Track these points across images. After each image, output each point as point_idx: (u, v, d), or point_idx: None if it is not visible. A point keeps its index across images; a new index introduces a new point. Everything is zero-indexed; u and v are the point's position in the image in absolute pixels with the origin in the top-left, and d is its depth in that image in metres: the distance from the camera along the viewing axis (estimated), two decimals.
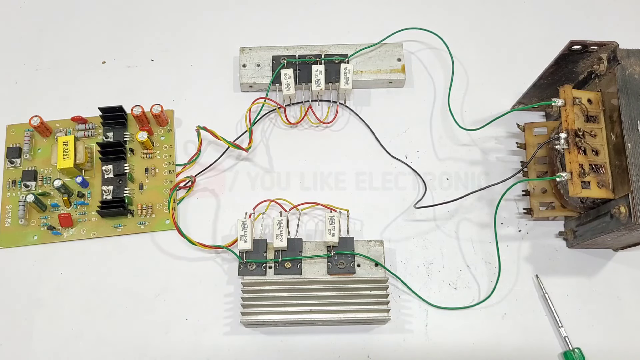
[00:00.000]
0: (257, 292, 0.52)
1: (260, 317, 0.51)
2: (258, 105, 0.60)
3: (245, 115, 0.60)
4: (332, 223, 0.54)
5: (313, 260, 0.54)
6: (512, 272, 0.56)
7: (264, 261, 0.54)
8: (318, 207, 0.57)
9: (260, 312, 0.51)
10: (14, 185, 0.57)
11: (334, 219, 0.54)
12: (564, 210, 0.55)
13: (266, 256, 0.54)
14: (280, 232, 0.54)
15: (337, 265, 0.54)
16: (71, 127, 0.59)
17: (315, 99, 0.61)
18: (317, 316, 0.51)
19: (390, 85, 0.63)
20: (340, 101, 0.61)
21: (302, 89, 0.61)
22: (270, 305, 0.51)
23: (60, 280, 0.54)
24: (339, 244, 0.54)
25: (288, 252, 0.54)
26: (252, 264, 0.54)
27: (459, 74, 0.64)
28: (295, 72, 0.60)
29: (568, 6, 0.68)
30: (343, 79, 0.59)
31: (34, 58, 0.64)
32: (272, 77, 0.60)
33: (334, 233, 0.54)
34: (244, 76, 0.61)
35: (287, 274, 0.54)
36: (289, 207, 0.57)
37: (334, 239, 0.54)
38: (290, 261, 0.54)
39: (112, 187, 0.57)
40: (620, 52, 0.49)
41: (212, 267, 0.55)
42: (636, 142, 0.47)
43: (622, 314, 0.55)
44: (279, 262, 0.54)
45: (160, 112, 0.58)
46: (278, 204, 0.57)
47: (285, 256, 0.54)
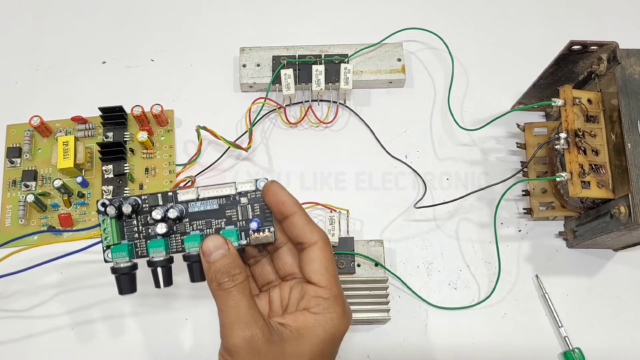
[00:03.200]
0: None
1: None
2: (258, 105, 0.60)
3: (245, 115, 0.60)
4: (332, 223, 0.54)
5: None
6: (512, 272, 0.56)
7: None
8: (318, 207, 0.57)
9: None
10: (14, 185, 0.57)
11: (334, 219, 0.54)
12: (564, 210, 0.55)
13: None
14: None
15: (337, 265, 0.54)
16: (71, 127, 0.59)
17: (315, 99, 0.61)
18: None
19: (390, 85, 0.63)
20: (340, 101, 0.61)
21: (302, 89, 0.61)
22: None
23: (60, 280, 0.54)
24: (339, 244, 0.54)
25: None
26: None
27: (459, 74, 0.64)
28: (295, 72, 0.60)
29: (568, 6, 0.68)
30: (343, 79, 0.59)
31: (34, 58, 0.63)
32: (272, 77, 0.60)
33: (334, 233, 0.54)
34: (244, 76, 0.61)
35: None
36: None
37: (334, 239, 0.54)
38: None
39: (112, 187, 0.57)
40: (620, 52, 0.49)
41: None
42: (636, 142, 0.47)
43: (622, 314, 0.55)
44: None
45: (160, 112, 0.58)
46: None
47: None
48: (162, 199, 0.39)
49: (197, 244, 0.38)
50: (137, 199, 0.39)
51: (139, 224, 0.39)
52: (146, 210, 0.39)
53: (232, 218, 0.39)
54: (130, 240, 0.39)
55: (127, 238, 0.39)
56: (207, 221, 0.39)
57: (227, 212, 0.39)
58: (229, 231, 0.39)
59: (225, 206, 0.39)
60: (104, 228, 0.39)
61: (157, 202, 0.39)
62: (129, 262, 0.39)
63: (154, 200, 0.39)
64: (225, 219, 0.39)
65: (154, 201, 0.39)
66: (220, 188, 0.39)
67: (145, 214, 0.39)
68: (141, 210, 0.39)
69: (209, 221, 0.39)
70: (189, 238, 0.39)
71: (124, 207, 0.38)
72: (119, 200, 0.39)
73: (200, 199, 0.39)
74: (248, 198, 0.39)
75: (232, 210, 0.39)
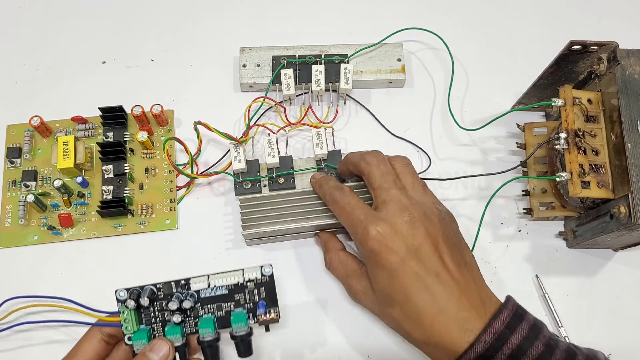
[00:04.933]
0: (255, 207, 0.54)
1: (260, 229, 0.52)
2: (258, 105, 0.60)
3: (244, 113, 0.60)
4: (319, 137, 0.57)
5: (304, 175, 0.56)
6: (512, 272, 0.56)
7: (259, 178, 0.55)
8: (304, 127, 0.59)
9: (259, 224, 0.53)
10: (14, 185, 0.57)
11: (321, 134, 0.57)
12: (564, 210, 0.55)
13: (259, 174, 0.56)
14: (272, 150, 0.56)
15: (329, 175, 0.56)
16: (71, 127, 0.59)
17: (315, 99, 0.61)
18: (314, 223, 0.53)
19: (391, 85, 0.63)
20: (340, 101, 0.61)
21: (303, 90, 0.61)
22: (268, 218, 0.53)
23: (60, 280, 0.54)
24: (328, 157, 0.57)
25: (280, 168, 0.56)
26: (248, 182, 0.55)
27: (459, 74, 0.64)
28: (295, 72, 0.60)
29: (568, 6, 0.68)
30: (343, 79, 0.59)
31: (34, 58, 0.63)
32: (272, 77, 0.60)
33: (322, 146, 0.56)
34: (244, 76, 0.61)
35: (281, 189, 0.55)
36: (276, 130, 0.59)
37: (323, 151, 0.56)
38: (284, 176, 0.56)
39: (112, 187, 0.57)
40: (620, 52, 0.49)
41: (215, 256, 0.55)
42: (636, 142, 0.47)
43: (622, 314, 0.55)
44: (273, 178, 0.56)
45: (160, 112, 0.58)
46: (266, 128, 0.59)
47: (277, 173, 0.56)
48: (175, 287, 0.43)
49: (210, 330, 0.42)
50: (153, 288, 0.43)
51: (155, 310, 0.43)
52: (161, 297, 0.43)
53: (241, 302, 0.43)
54: (147, 324, 0.43)
55: (144, 323, 0.43)
56: (218, 305, 0.43)
57: (235, 296, 0.43)
58: (238, 314, 0.42)
59: (234, 291, 0.43)
60: (124, 318, 0.42)
61: (172, 291, 0.43)
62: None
63: (169, 289, 0.43)
64: (234, 302, 0.43)
65: (169, 289, 0.43)
66: (229, 275, 0.43)
67: (161, 301, 0.43)
68: (156, 297, 0.43)
69: (220, 305, 0.43)
70: (203, 324, 0.42)
71: (142, 300, 0.42)
72: (137, 291, 0.42)
73: (211, 287, 0.43)
74: (255, 283, 0.43)
75: (240, 294, 0.43)
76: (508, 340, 0.40)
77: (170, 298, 0.42)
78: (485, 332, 0.40)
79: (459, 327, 0.41)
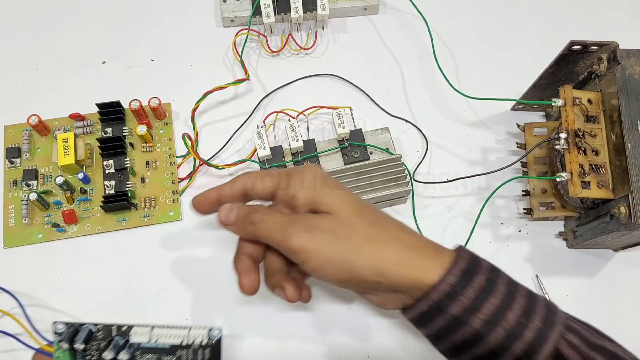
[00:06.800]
0: None
1: None
2: (242, 38, 0.62)
3: (231, 49, 0.62)
4: (340, 118, 0.58)
5: (328, 156, 0.58)
6: (512, 272, 0.56)
7: (284, 163, 0.56)
8: (322, 109, 0.60)
9: None
10: (15, 185, 0.57)
11: (341, 114, 0.58)
12: (564, 211, 0.55)
13: (285, 160, 0.56)
14: (294, 134, 0.57)
15: (352, 155, 0.57)
16: (69, 125, 0.59)
17: (295, 28, 0.64)
18: None
19: (365, 12, 0.66)
20: (318, 28, 0.64)
21: (282, 21, 0.64)
22: None
23: (68, 276, 0.54)
24: (350, 136, 0.58)
25: (304, 152, 0.57)
26: (274, 168, 0.54)
27: (459, 73, 0.64)
28: (274, 2, 0.62)
29: (568, 6, 0.68)
30: (320, 5, 0.62)
31: (34, 58, 0.63)
32: (252, 9, 0.63)
33: (344, 125, 0.57)
34: (224, 10, 0.64)
35: None
36: (296, 115, 0.60)
37: (345, 130, 0.57)
38: (309, 159, 0.57)
39: (114, 182, 0.57)
40: (620, 52, 0.49)
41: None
42: (636, 142, 0.47)
43: (622, 314, 0.55)
44: (299, 161, 0.57)
45: (158, 105, 0.58)
46: (285, 114, 0.60)
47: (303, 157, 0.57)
48: (116, 331, 0.41)
49: None
50: (92, 329, 0.41)
51: (91, 350, 0.41)
52: (100, 337, 0.41)
53: (182, 358, 0.41)
54: None
55: None
56: (158, 357, 0.41)
57: (178, 352, 0.41)
58: None
59: (177, 347, 0.41)
60: (57, 356, 0.41)
61: (110, 335, 0.41)
62: None
63: (108, 333, 0.41)
64: (176, 358, 0.41)
65: (108, 333, 0.41)
66: (175, 333, 0.41)
67: (99, 342, 0.41)
68: (94, 338, 0.41)
69: (160, 358, 0.41)
70: None
71: (76, 344, 0.40)
72: (75, 327, 0.41)
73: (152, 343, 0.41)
74: (201, 345, 0.41)
75: (183, 351, 0.41)
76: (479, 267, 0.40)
77: (109, 344, 0.41)
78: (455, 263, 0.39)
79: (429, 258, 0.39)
